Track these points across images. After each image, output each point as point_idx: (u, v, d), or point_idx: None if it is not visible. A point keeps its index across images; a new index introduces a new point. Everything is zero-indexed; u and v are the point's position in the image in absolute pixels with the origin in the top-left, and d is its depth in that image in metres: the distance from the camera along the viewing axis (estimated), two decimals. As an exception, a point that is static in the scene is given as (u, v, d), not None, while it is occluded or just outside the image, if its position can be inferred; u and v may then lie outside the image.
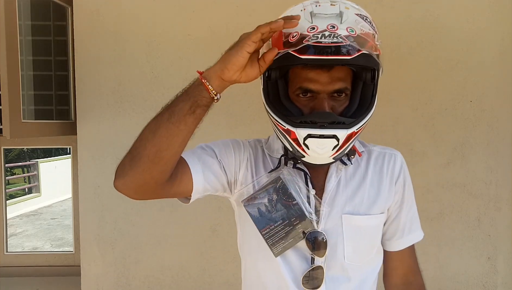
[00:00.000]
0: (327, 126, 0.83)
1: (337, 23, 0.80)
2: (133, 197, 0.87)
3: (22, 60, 1.97)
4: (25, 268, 2.57)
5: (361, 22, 0.83)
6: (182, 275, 2.27)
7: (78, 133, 2.24)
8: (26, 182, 11.43)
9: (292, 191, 0.92)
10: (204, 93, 0.82)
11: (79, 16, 2.20)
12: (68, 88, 2.36)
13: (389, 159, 1.00)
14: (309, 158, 0.88)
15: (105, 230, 2.25)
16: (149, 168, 0.81)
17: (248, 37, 0.78)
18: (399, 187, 1.00)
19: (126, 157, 0.83)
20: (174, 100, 0.84)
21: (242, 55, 0.79)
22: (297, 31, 0.81)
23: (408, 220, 1.02)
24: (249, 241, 1.00)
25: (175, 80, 2.17)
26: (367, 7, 0.91)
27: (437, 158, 2.23)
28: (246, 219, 0.96)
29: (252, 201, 0.94)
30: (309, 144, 0.84)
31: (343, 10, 0.83)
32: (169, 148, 0.82)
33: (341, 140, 0.84)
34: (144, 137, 0.82)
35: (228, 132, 2.13)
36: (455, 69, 2.21)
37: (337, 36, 0.78)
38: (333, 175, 0.96)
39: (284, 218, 0.92)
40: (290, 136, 0.86)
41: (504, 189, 2.24)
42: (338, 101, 0.88)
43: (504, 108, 2.22)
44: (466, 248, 2.26)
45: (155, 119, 0.83)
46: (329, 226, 0.93)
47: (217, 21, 2.17)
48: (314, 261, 0.93)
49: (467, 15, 2.20)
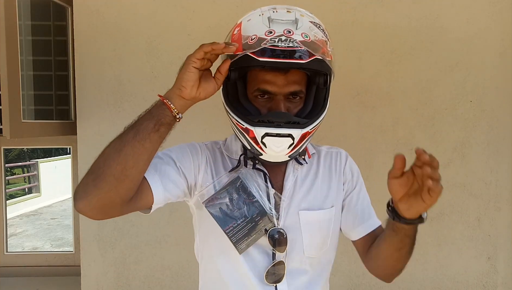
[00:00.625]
0: (283, 126, 0.88)
1: (293, 28, 0.86)
2: (95, 217, 0.86)
3: (22, 60, 1.98)
4: (25, 268, 2.57)
5: (314, 29, 0.89)
6: (182, 275, 2.27)
7: (78, 133, 2.24)
8: (26, 182, 11.43)
9: (251, 189, 0.96)
10: (167, 112, 0.86)
11: (79, 16, 2.20)
12: (68, 88, 2.36)
13: (335, 157, 1.08)
14: (266, 156, 0.93)
15: (105, 230, 2.25)
16: (115, 187, 0.81)
17: (192, 55, 0.85)
18: (347, 177, 1.07)
19: (88, 177, 0.82)
20: (137, 120, 0.86)
21: (190, 70, 0.85)
22: (256, 34, 0.86)
23: (365, 207, 1.07)
24: (208, 243, 1.03)
25: (175, 80, 2.17)
26: (368, 7, 0.92)
27: (437, 158, 2.22)
28: (206, 221, 0.98)
29: (213, 202, 0.96)
30: (266, 142, 0.89)
31: (298, 17, 0.89)
32: (135, 166, 0.83)
33: (296, 139, 0.89)
34: (108, 157, 0.82)
35: (226, 132, 2.13)
36: (455, 69, 2.21)
37: (292, 41, 0.84)
38: (290, 174, 1.02)
39: (246, 216, 0.95)
40: (248, 134, 0.91)
41: (504, 189, 2.24)
42: (293, 103, 0.94)
43: (504, 108, 2.22)
44: (466, 248, 2.26)
45: (119, 138, 0.84)
46: (288, 222, 0.99)
47: (217, 21, 2.17)
48: (275, 257, 0.97)
49: (467, 15, 2.20)
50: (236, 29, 0.93)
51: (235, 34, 0.91)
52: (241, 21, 0.94)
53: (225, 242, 0.96)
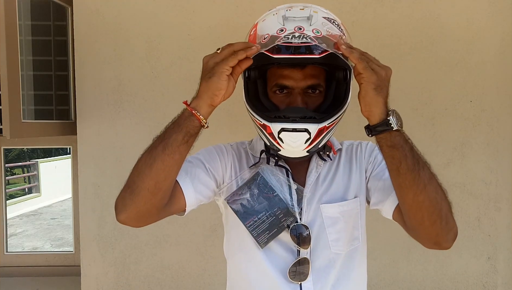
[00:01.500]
0: (299, 121, 0.88)
1: (305, 25, 0.87)
2: (136, 226, 0.92)
3: (22, 60, 1.98)
4: (25, 268, 2.57)
5: (328, 24, 0.89)
6: (182, 275, 2.27)
7: (78, 133, 2.24)
8: (26, 182, 11.43)
9: (271, 184, 0.97)
10: (195, 122, 0.86)
11: (79, 16, 2.20)
12: (68, 88, 2.36)
13: (356, 149, 1.07)
14: (284, 151, 0.93)
15: (105, 230, 2.25)
16: (150, 199, 0.86)
17: (224, 62, 0.84)
18: (369, 160, 1.04)
19: (126, 191, 0.87)
20: (165, 132, 0.87)
21: (224, 79, 0.84)
22: (268, 33, 0.88)
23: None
24: (232, 242, 1.05)
25: (175, 80, 2.17)
26: (368, 7, 0.93)
27: (437, 158, 2.23)
28: (231, 219, 1.01)
29: (235, 198, 0.98)
30: (283, 138, 0.89)
31: (312, 14, 0.89)
32: (166, 179, 0.86)
33: (313, 134, 0.88)
34: (141, 171, 0.86)
35: (228, 132, 2.13)
36: (455, 69, 2.21)
37: (305, 37, 0.84)
38: (313, 171, 1.02)
39: (267, 209, 0.96)
40: (266, 130, 0.91)
41: (504, 189, 2.24)
42: (312, 97, 0.95)
43: (504, 108, 2.22)
44: (466, 248, 2.26)
45: (149, 152, 0.87)
46: (311, 218, 0.98)
47: (217, 21, 2.17)
48: (299, 254, 0.97)
49: (467, 15, 2.20)
50: (252, 30, 0.95)
51: (251, 35, 0.93)
52: (257, 21, 0.95)
53: (247, 239, 0.97)
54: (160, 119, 2.18)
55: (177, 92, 2.16)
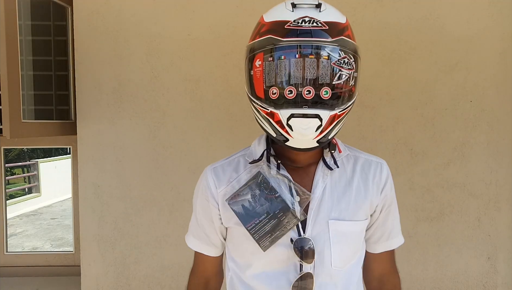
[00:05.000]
0: (311, 106, 0.83)
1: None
2: None
3: (22, 60, 1.98)
4: (25, 268, 2.57)
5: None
6: (182, 275, 2.27)
7: (78, 133, 2.24)
8: (26, 182, 11.41)
9: (273, 184, 0.92)
10: None
11: (79, 16, 2.20)
12: (68, 88, 2.36)
13: (375, 167, 1.00)
14: (293, 141, 0.86)
15: (105, 230, 2.25)
16: None
17: None
18: (386, 194, 0.99)
19: None
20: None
21: None
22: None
23: (394, 225, 1.03)
24: (236, 254, 1.01)
25: (175, 80, 2.17)
26: (368, 7, 0.92)
27: (437, 158, 2.23)
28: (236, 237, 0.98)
29: (235, 199, 0.94)
30: (292, 124, 0.83)
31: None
32: None
33: (324, 121, 0.83)
34: None
35: (228, 132, 2.13)
36: (455, 69, 2.21)
37: (316, 22, 0.83)
38: (319, 181, 0.94)
39: (269, 212, 0.91)
40: (273, 118, 0.85)
41: (504, 189, 2.24)
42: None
43: (504, 108, 2.22)
44: (466, 248, 2.26)
45: None
46: (316, 232, 0.92)
47: (217, 21, 2.17)
48: (302, 268, 0.91)
49: (467, 15, 2.20)
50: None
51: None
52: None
53: (251, 254, 0.95)
54: (160, 119, 2.18)
55: (177, 92, 2.15)
